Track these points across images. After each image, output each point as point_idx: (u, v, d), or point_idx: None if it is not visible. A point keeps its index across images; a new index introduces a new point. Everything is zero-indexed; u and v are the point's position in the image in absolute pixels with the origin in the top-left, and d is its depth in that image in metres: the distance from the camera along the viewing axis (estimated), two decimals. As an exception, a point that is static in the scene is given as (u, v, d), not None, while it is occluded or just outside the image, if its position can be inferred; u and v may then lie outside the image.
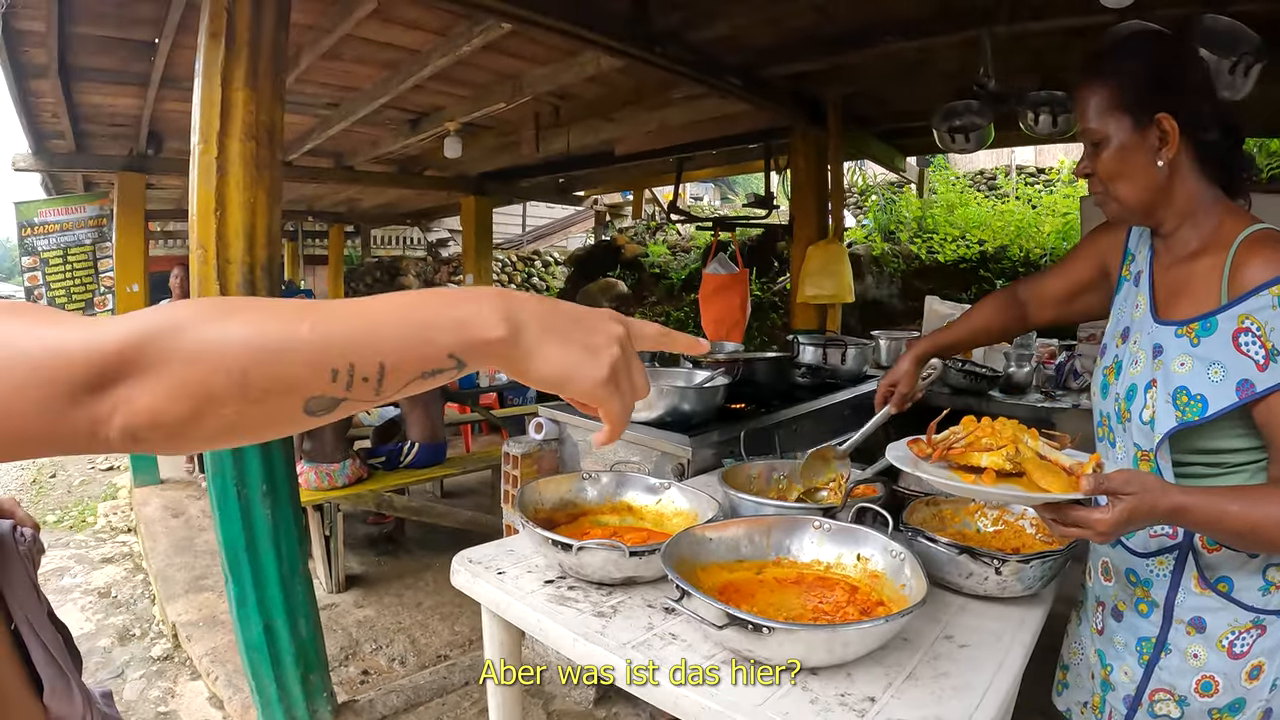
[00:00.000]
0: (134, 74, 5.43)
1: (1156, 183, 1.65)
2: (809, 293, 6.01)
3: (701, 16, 4.53)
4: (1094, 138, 1.69)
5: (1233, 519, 1.43)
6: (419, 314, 0.73)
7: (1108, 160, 1.67)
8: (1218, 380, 1.54)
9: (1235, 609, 1.62)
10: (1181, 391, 1.59)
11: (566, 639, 1.63)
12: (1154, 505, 1.40)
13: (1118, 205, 1.72)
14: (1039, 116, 4.90)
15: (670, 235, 14.82)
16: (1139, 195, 1.67)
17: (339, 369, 0.68)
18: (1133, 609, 1.79)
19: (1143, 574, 1.76)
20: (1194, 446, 1.64)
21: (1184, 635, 1.68)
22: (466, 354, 0.75)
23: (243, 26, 3.01)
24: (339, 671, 4.14)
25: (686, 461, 2.98)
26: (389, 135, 7.63)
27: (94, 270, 7.61)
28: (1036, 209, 10.15)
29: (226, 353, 0.64)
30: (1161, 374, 1.65)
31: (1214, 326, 1.57)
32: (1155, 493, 1.41)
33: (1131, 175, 1.66)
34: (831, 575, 1.78)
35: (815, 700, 1.37)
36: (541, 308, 0.79)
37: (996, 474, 1.56)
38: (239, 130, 3.03)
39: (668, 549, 1.64)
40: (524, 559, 2.01)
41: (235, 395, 0.64)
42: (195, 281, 3.10)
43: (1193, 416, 1.57)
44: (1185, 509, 1.43)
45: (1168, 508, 1.42)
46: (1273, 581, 1.61)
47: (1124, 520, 1.40)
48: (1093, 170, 1.72)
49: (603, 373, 0.81)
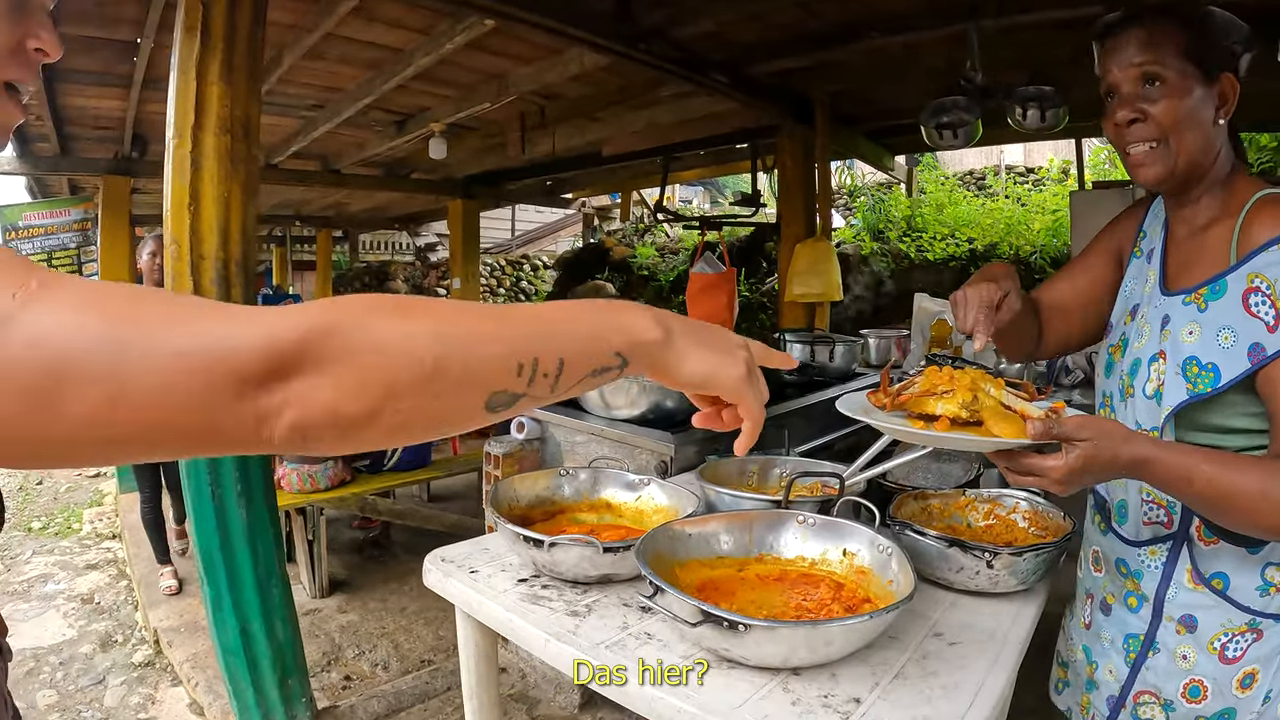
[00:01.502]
0: (117, 75, 5.39)
1: (1213, 141, 1.52)
2: (797, 291, 5.96)
3: (685, 13, 4.49)
4: (1150, 71, 1.50)
5: (1203, 481, 1.32)
6: (588, 317, 0.79)
7: (1176, 106, 1.48)
8: (1228, 346, 1.43)
9: (1229, 609, 1.51)
10: (1191, 362, 1.48)
11: (538, 639, 1.56)
12: (1114, 454, 1.32)
13: (1169, 160, 1.52)
14: (1027, 112, 4.86)
15: (658, 237, 14.79)
16: (1198, 151, 1.51)
17: (524, 363, 0.70)
18: (1121, 603, 1.68)
19: (1133, 564, 1.65)
20: (1201, 423, 1.51)
21: (1173, 634, 1.57)
22: (630, 353, 0.80)
23: (218, 20, 2.97)
24: (321, 677, 4.08)
25: (669, 459, 2.93)
26: (375, 137, 7.58)
27: (79, 274, 7.53)
28: (1026, 207, 10.14)
29: (416, 344, 0.64)
30: (1170, 344, 1.53)
31: (1223, 289, 1.46)
32: (1116, 440, 1.33)
33: (1197, 126, 1.50)
34: (816, 571, 1.72)
35: (797, 701, 1.31)
36: (681, 319, 0.88)
37: (951, 422, 1.47)
38: (214, 124, 2.98)
39: (643, 544, 1.58)
40: (498, 557, 1.95)
41: (420, 389, 0.64)
42: (169, 278, 3.05)
43: (1205, 388, 1.45)
44: (1149, 461, 1.33)
45: (1130, 458, 1.33)
46: (1272, 582, 1.48)
47: (1079, 468, 1.32)
48: (1148, 114, 1.51)
49: (742, 370, 0.90)
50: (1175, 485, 1.35)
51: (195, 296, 0.65)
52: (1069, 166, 10.93)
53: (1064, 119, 4.88)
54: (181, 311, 0.58)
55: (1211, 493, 1.32)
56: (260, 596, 3.22)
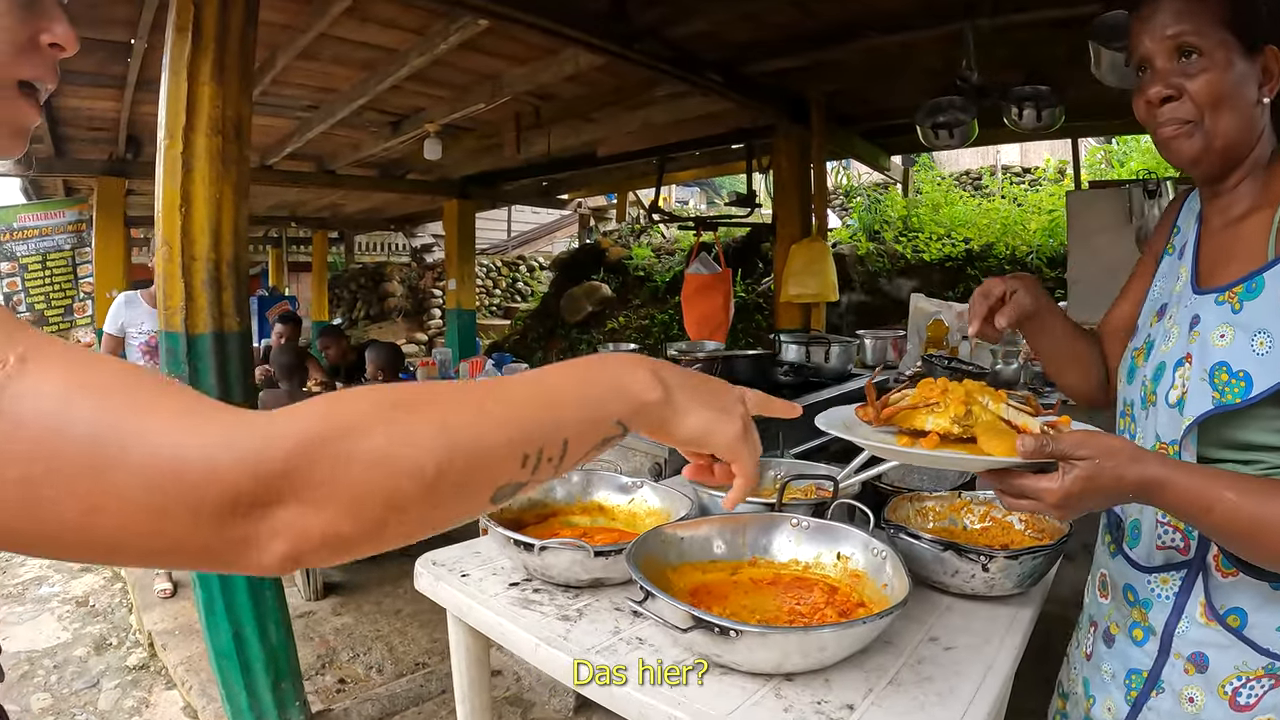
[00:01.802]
0: (111, 76, 5.38)
1: (1254, 122, 1.37)
2: (793, 292, 5.94)
3: (679, 12, 4.47)
4: (1186, 42, 1.34)
5: (1226, 509, 1.13)
6: (588, 384, 0.77)
7: (1214, 82, 1.32)
8: (1263, 353, 1.24)
9: (1245, 649, 1.31)
10: (1221, 368, 1.30)
11: (528, 644, 1.54)
12: (1119, 475, 1.15)
13: (1204, 141, 1.36)
14: (1023, 111, 4.85)
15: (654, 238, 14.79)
16: (1238, 131, 1.35)
17: (530, 454, 0.68)
18: (1126, 634, 1.50)
19: (1142, 593, 1.46)
20: (1228, 439, 1.34)
21: (1181, 673, 1.38)
22: (630, 418, 0.79)
23: (210, 20, 2.96)
24: (315, 680, 4.06)
25: (664, 461, 2.92)
26: (370, 138, 7.56)
27: (74, 276, 7.53)
28: (1022, 207, 10.13)
29: (418, 451, 0.60)
30: (1197, 347, 1.36)
31: (1260, 287, 1.29)
32: (1121, 459, 1.16)
33: (1237, 105, 1.34)
34: (810, 575, 1.70)
35: (790, 708, 1.29)
36: (679, 373, 0.87)
37: (941, 438, 1.38)
38: (205, 125, 2.97)
39: (634, 548, 1.56)
40: (489, 561, 1.93)
41: (423, 498, 0.60)
42: (160, 279, 3.04)
43: (1233, 398, 1.27)
44: (1162, 484, 1.16)
45: (1138, 480, 1.16)
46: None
47: (1077, 491, 1.16)
48: (1182, 91, 1.36)
49: (739, 427, 0.90)
50: (1192, 513, 1.18)
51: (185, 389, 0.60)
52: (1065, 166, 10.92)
53: (1060, 119, 4.88)
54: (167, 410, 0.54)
55: (1235, 523, 1.15)
56: (253, 600, 3.20)
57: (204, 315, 2.98)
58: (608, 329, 11.84)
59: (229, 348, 3.05)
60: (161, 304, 3.03)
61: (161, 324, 3.04)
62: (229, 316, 3.05)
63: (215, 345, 3.00)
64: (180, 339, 2.97)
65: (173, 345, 3.00)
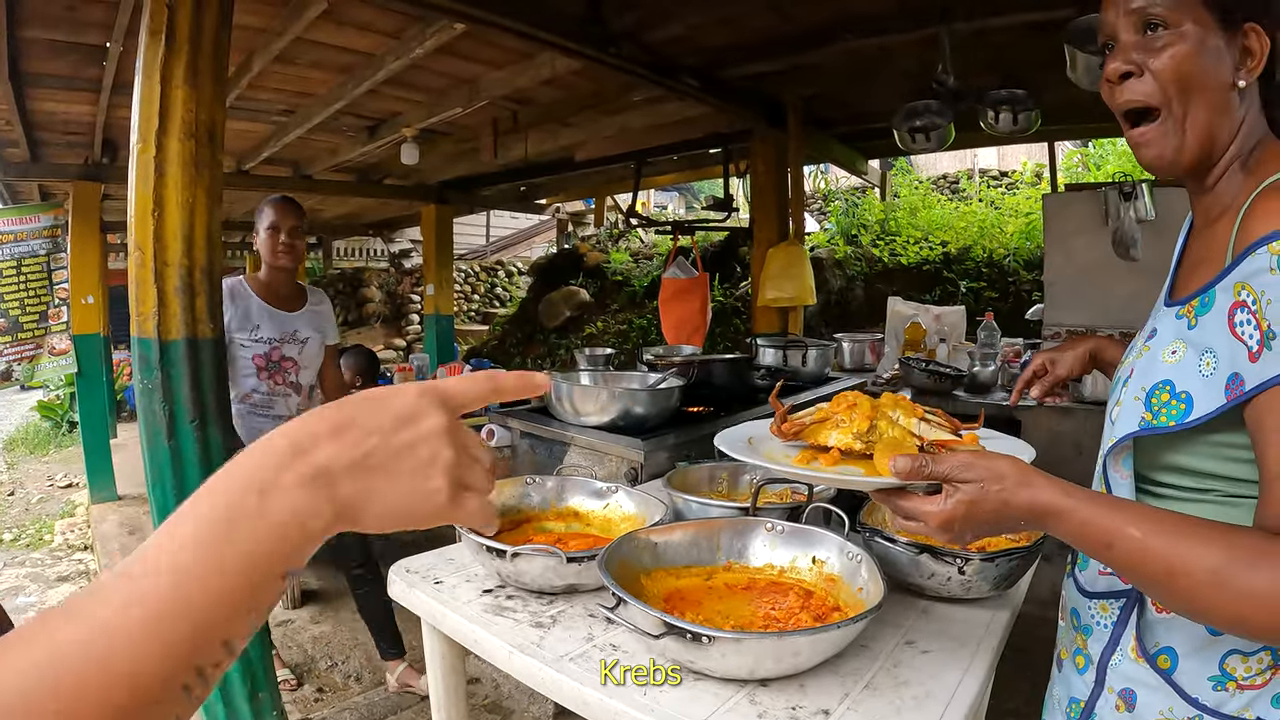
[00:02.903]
0: (86, 80, 5.31)
1: (1230, 107, 1.19)
2: (770, 295, 5.94)
3: (655, 16, 4.48)
4: (1154, 15, 1.19)
5: (1130, 547, 1.02)
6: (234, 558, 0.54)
7: (1181, 60, 1.17)
8: (1209, 374, 1.12)
9: (1173, 694, 1.20)
10: (1163, 388, 1.18)
11: (501, 651, 1.53)
12: (1004, 501, 1.07)
13: (1174, 137, 1.21)
14: (999, 115, 4.88)
15: (633, 242, 14.80)
16: (1210, 116, 1.18)
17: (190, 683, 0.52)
18: (1071, 660, 1.42)
19: (1084, 618, 1.38)
20: (1174, 464, 1.22)
21: (1112, 709, 1.29)
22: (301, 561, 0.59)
23: (183, 24, 2.92)
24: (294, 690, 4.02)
25: (640, 466, 2.90)
26: (347, 143, 7.52)
27: (49, 281, 7.44)
28: (999, 210, 10.17)
29: None
30: (1143, 362, 1.27)
31: (1211, 301, 1.15)
32: (1008, 484, 1.08)
33: (1208, 87, 1.18)
34: (785, 580, 1.69)
35: (764, 714, 1.28)
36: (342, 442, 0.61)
37: (844, 454, 1.35)
38: (178, 129, 2.94)
39: (607, 554, 1.54)
40: (463, 568, 1.91)
41: None
42: (133, 285, 3.00)
43: (1167, 421, 1.16)
44: (1057, 514, 1.06)
45: (1028, 506, 1.07)
46: (1232, 675, 1.15)
47: (960, 515, 1.09)
48: (1145, 67, 1.20)
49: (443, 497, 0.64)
50: (1091, 547, 1.07)
51: None
52: (1042, 170, 10.98)
53: (1036, 122, 4.90)
54: None
55: (1140, 563, 1.02)
56: (227, 609, 3.16)
57: (177, 321, 2.95)
58: (586, 334, 11.82)
59: (202, 354, 3.02)
60: (134, 310, 3.00)
61: (134, 330, 3.01)
62: (202, 323, 3.02)
63: (188, 351, 2.97)
64: (153, 345, 2.94)
65: (145, 351, 2.96)
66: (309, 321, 3.95)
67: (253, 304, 3.76)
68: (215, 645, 0.53)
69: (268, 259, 3.80)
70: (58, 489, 8.98)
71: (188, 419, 2.97)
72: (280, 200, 3.85)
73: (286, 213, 3.80)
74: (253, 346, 3.74)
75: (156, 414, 2.94)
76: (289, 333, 3.85)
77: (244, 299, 3.74)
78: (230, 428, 3.18)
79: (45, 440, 11.65)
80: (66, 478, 9.30)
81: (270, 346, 3.78)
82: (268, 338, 3.77)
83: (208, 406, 3.03)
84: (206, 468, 3.05)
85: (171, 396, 2.94)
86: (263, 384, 3.78)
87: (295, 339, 3.87)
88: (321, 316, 4.06)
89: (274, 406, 3.82)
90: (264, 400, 3.80)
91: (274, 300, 3.83)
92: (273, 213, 3.79)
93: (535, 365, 11.76)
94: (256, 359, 3.75)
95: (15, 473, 9.92)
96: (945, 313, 5.56)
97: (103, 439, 7.83)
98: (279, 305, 3.85)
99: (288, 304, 3.90)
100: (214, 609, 0.53)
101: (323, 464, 0.59)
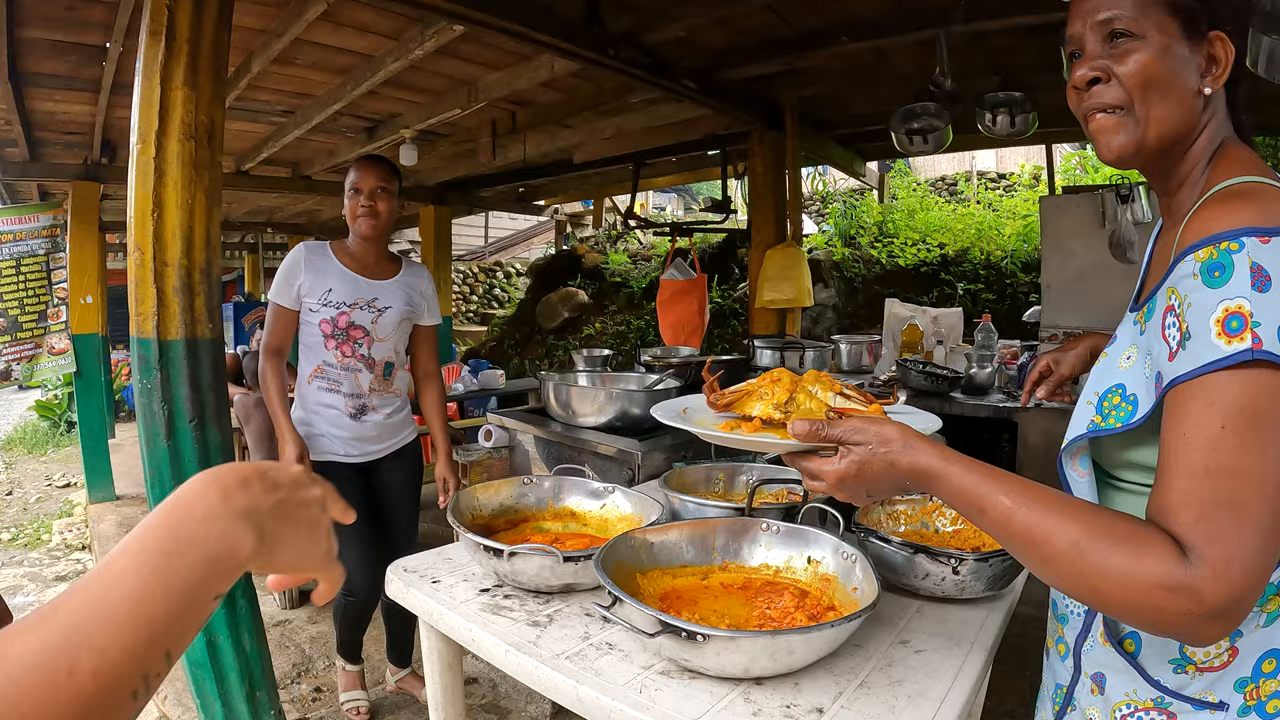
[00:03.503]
0: (86, 80, 5.33)
1: (1194, 113, 1.21)
2: (767, 297, 5.96)
3: (654, 18, 4.48)
4: (1119, 26, 1.20)
5: (998, 514, 1.09)
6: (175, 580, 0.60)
7: (1146, 64, 1.18)
8: (1149, 376, 1.16)
9: (1137, 677, 1.24)
10: (1115, 391, 1.23)
11: (498, 650, 1.54)
12: (890, 462, 1.17)
13: (1136, 130, 1.21)
14: (997, 117, 4.90)
15: (631, 244, 14.79)
16: (1173, 121, 1.20)
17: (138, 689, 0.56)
18: (1054, 648, 1.46)
19: (1060, 607, 1.43)
20: (1131, 461, 1.27)
21: (1088, 692, 1.34)
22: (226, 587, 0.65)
23: (183, 24, 2.93)
24: (291, 689, 4.03)
25: (637, 466, 2.91)
26: (345, 143, 7.54)
27: (48, 281, 7.45)
28: (997, 212, 10.17)
29: None
30: (1100, 368, 1.31)
31: (1153, 306, 1.19)
32: (894, 446, 1.17)
33: (1172, 92, 1.19)
34: (781, 580, 1.71)
35: (758, 712, 1.29)
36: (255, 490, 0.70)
37: (765, 423, 1.48)
38: (178, 130, 2.94)
39: (603, 554, 1.55)
40: (460, 567, 1.93)
41: None
42: (132, 285, 3.01)
43: (1114, 423, 1.21)
44: (935, 476, 1.14)
45: (910, 467, 1.16)
46: (1191, 658, 1.18)
47: (851, 474, 1.20)
48: (1111, 73, 1.22)
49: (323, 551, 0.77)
50: (966, 510, 1.14)
51: None
52: (1040, 172, 10.99)
53: (1034, 124, 4.92)
54: None
55: (1008, 530, 1.09)
56: (227, 608, 3.17)
57: (176, 321, 2.96)
58: (584, 335, 11.82)
59: (201, 354, 3.03)
60: (134, 310, 3.00)
61: (133, 330, 3.01)
62: (201, 323, 3.03)
63: (187, 352, 2.98)
64: (152, 345, 2.95)
65: (145, 351, 2.97)
66: (396, 292, 3.49)
67: (331, 266, 3.38)
68: (160, 656, 0.58)
69: (350, 224, 3.45)
70: (55, 488, 8.98)
71: (186, 419, 2.98)
72: (365, 159, 3.49)
73: (369, 172, 3.40)
74: (321, 311, 3.33)
75: (155, 414, 2.94)
76: (365, 299, 3.39)
77: (322, 261, 3.39)
78: (228, 427, 3.17)
79: (43, 440, 11.66)
80: (64, 477, 9.31)
81: (339, 311, 3.35)
82: (338, 301, 3.35)
83: (206, 407, 3.04)
84: (204, 468, 3.05)
85: (170, 396, 2.95)
86: (331, 354, 3.36)
87: (372, 306, 3.40)
88: (415, 291, 3.58)
89: (343, 383, 3.39)
90: (335, 375, 3.38)
91: (356, 267, 3.43)
92: (354, 173, 3.44)
93: (533, 366, 11.76)
94: (324, 324, 3.34)
95: (13, 472, 9.93)
96: (943, 314, 5.57)
97: (101, 439, 7.84)
98: (361, 271, 3.44)
99: (373, 272, 3.47)
100: (165, 620, 0.58)
101: (248, 504, 0.68)
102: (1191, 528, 0.98)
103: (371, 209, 3.36)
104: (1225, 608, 0.95)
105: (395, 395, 3.52)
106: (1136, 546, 0.99)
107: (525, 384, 7.59)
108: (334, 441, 3.41)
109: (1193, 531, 0.98)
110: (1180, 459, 1.02)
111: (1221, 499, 0.98)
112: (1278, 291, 0.98)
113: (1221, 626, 0.98)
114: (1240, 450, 0.97)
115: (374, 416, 3.44)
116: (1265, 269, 0.98)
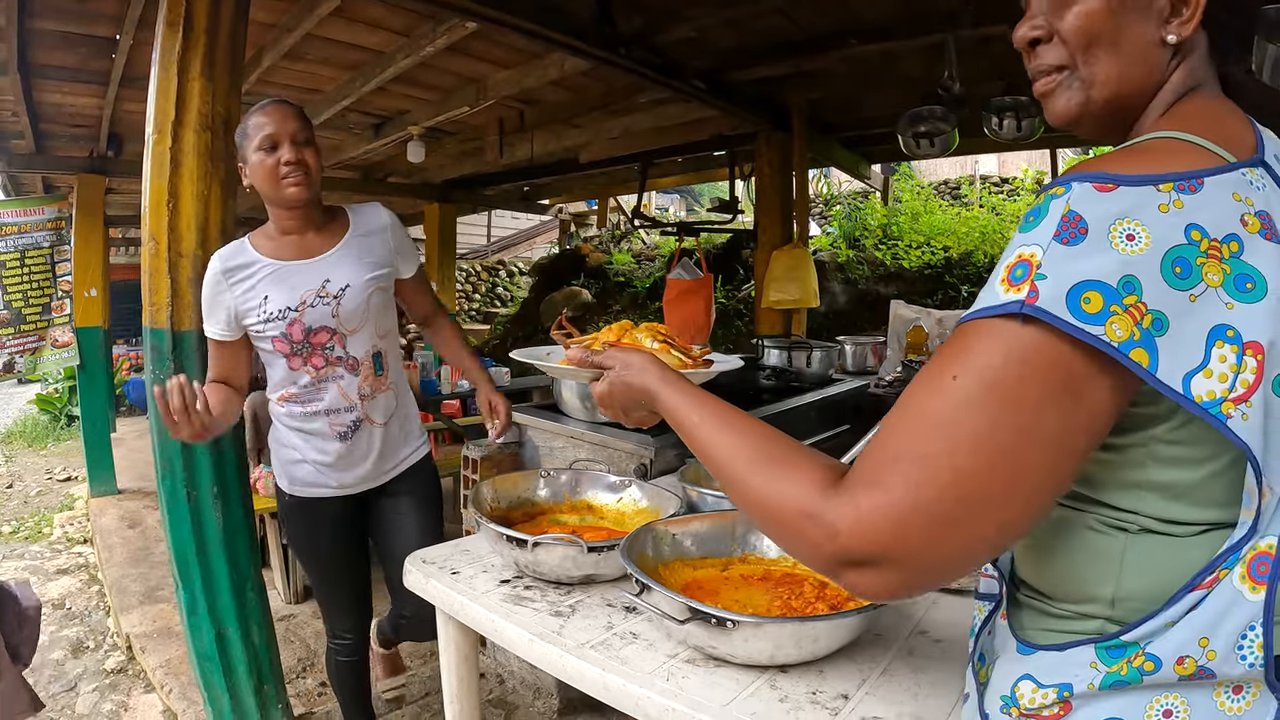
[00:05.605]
0: (94, 72, 5.32)
1: (1154, 67, 1.00)
2: (773, 298, 5.97)
3: (665, 19, 4.50)
4: None
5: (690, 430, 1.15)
6: None
7: (1088, 16, 0.98)
8: None
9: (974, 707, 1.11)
10: None
11: (522, 640, 1.55)
12: (627, 383, 1.33)
13: (1080, 91, 1.03)
14: (1003, 121, 4.90)
15: (635, 243, 14.79)
16: (1126, 78, 1.00)
17: None
18: None
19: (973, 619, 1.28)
20: None
21: None
22: None
23: (200, 15, 2.94)
24: (297, 683, 4.04)
25: (649, 461, 2.92)
26: (352, 140, 7.54)
27: (51, 274, 7.44)
28: (1000, 216, 10.19)
29: None
30: None
31: None
32: (633, 369, 1.33)
33: (1123, 45, 0.99)
34: (800, 571, 1.73)
35: (785, 698, 1.31)
36: None
37: None
38: (194, 121, 2.95)
39: (627, 544, 1.58)
40: (479, 558, 1.94)
41: None
42: (146, 276, 3.02)
43: None
44: (653, 397, 1.27)
45: (640, 387, 1.30)
46: (1018, 700, 0.99)
47: (608, 392, 1.38)
48: (1049, 30, 1.03)
49: None
50: (678, 429, 1.20)
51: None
52: (1043, 177, 11.00)
53: (1039, 129, 4.92)
54: None
55: (694, 444, 1.14)
56: (236, 601, 3.18)
57: (190, 312, 2.96)
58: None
59: (215, 346, 3.04)
60: (147, 300, 3.00)
61: (147, 320, 3.02)
62: (215, 314, 3.04)
63: (201, 342, 2.99)
64: (165, 335, 2.96)
65: (158, 342, 2.98)
66: (349, 261, 2.59)
67: (257, 267, 2.52)
68: None
69: (269, 192, 2.51)
70: (56, 482, 8.99)
71: (200, 410, 2.98)
72: (270, 103, 2.56)
73: (280, 116, 2.50)
74: (266, 329, 2.50)
75: (169, 405, 2.95)
76: (313, 288, 2.52)
77: (245, 267, 2.52)
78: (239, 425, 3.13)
79: (43, 433, 11.66)
80: (65, 471, 9.32)
81: (287, 321, 2.49)
82: (281, 309, 2.49)
83: (219, 398, 3.04)
84: (217, 459, 3.07)
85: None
86: (301, 373, 2.56)
87: (325, 294, 2.52)
88: (374, 243, 2.68)
89: (323, 398, 2.59)
90: (306, 394, 2.60)
91: (290, 252, 2.56)
92: (260, 122, 2.49)
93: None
94: (277, 343, 2.51)
95: (13, 465, 9.92)
96: (947, 316, 5.58)
97: (103, 432, 7.84)
98: (297, 255, 2.56)
99: (312, 248, 2.59)
100: None
101: None
102: (864, 462, 0.89)
103: (299, 163, 2.46)
104: (866, 554, 0.85)
105: (396, 393, 2.77)
106: (794, 470, 0.96)
107: (529, 382, 7.59)
108: (319, 471, 2.68)
109: (862, 467, 0.89)
110: (905, 395, 0.91)
111: (914, 448, 0.86)
112: (1089, 249, 0.81)
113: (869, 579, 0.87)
114: (962, 406, 0.84)
115: (370, 430, 2.67)
116: (1084, 219, 0.82)
